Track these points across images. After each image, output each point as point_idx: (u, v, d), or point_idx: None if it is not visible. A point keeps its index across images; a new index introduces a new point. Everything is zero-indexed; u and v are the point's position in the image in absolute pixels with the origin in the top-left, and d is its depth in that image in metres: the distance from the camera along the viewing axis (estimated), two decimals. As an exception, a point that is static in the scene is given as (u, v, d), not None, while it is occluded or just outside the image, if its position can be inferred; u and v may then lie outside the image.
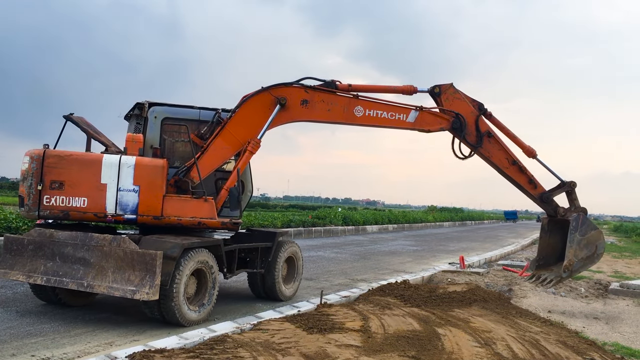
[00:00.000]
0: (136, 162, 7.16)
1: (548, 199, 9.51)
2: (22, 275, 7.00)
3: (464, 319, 7.77)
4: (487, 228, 50.89)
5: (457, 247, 22.95)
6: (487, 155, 9.24)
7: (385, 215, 40.00)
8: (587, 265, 9.38)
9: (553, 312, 9.25)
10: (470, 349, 6.21)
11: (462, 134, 9.06)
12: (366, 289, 9.85)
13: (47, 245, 7.02)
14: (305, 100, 8.42)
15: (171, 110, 8.17)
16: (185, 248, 6.93)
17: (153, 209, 7.18)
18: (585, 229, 9.13)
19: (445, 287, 10.47)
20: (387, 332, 6.69)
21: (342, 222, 29.53)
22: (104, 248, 6.76)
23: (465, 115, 9.07)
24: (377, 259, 16.59)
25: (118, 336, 6.40)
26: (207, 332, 6.19)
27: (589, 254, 9.17)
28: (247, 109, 8.15)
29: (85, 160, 7.20)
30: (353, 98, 8.71)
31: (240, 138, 8.04)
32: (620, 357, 6.60)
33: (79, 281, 6.73)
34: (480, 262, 16.53)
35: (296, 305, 8.15)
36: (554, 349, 6.51)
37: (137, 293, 6.44)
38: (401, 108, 8.92)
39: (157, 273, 6.47)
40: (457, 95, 9.19)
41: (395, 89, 9.25)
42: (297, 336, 6.20)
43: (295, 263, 9.62)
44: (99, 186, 7.08)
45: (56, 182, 7.04)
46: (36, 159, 7.03)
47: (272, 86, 8.27)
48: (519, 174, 9.39)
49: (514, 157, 9.35)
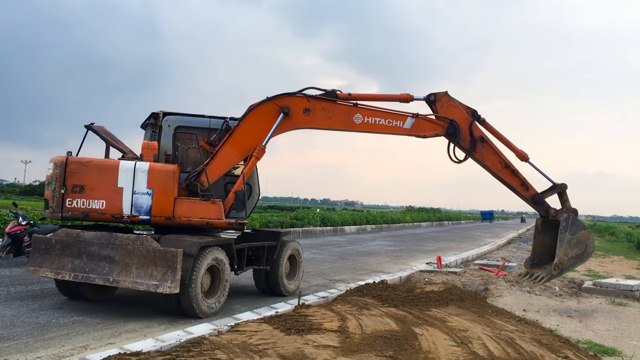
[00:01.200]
0: (150, 168, 7.79)
1: (540, 201, 9.92)
2: (51, 272, 7.60)
3: (441, 319, 7.83)
4: (464, 228, 51.32)
5: (434, 247, 23.11)
6: (481, 159, 9.67)
7: (364, 215, 40.13)
8: (577, 263, 9.82)
9: (528, 310, 9.37)
10: (446, 348, 6.26)
11: (456, 139, 9.50)
12: (344, 290, 9.88)
13: (73, 245, 7.61)
14: (308, 109, 8.92)
15: (183, 119, 8.82)
16: (202, 246, 7.56)
17: (165, 210, 7.80)
18: (575, 229, 9.55)
19: (422, 287, 10.53)
20: (365, 332, 6.71)
21: (321, 223, 29.54)
22: (128, 246, 7.40)
23: (459, 122, 9.50)
24: (356, 259, 16.63)
25: (93, 339, 6.32)
26: (183, 334, 6.15)
27: (579, 253, 9.59)
28: (253, 117, 8.68)
29: (103, 166, 7.88)
30: (353, 106, 9.16)
31: (246, 144, 8.57)
32: (593, 355, 6.71)
33: (105, 277, 7.36)
34: (457, 262, 16.68)
35: (274, 307, 8.14)
36: (529, 347, 6.59)
37: (159, 287, 7.10)
38: (398, 115, 9.35)
39: (178, 269, 7.13)
40: (451, 102, 9.60)
41: (393, 97, 9.62)
42: (275, 337, 6.19)
43: (297, 261, 10.25)
44: (116, 190, 7.74)
45: (77, 186, 7.72)
46: (59, 165, 7.72)
47: (276, 96, 8.80)
48: (511, 177, 9.79)
49: (507, 160, 9.78)
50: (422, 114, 9.53)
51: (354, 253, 18.69)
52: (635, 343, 7.58)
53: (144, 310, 7.94)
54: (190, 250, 7.38)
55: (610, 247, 30.91)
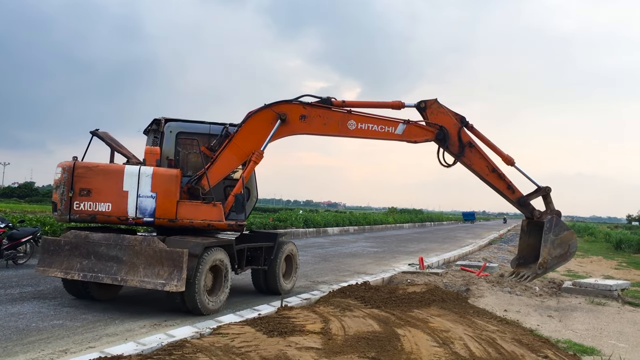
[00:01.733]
0: (153, 172, 8.10)
1: (525, 203, 10.42)
2: (60, 272, 7.95)
3: (423, 319, 7.87)
4: (445, 229, 51.64)
5: (416, 248, 23.22)
6: (469, 163, 10.14)
7: (346, 217, 40.21)
8: (561, 262, 10.37)
9: (509, 310, 9.45)
10: (428, 348, 6.30)
11: (445, 145, 9.97)
12: (327, 291, 9.88)
13: (82, 246, 7.98)
14: (304, 116, 9.31)
15: (184, 125, 9.15)
16: (205, 247, 7.95)
17: (168, 212, 8.10)
18: (558, 230, 10.03)
19: (404, 288, 10.58)
20: (348, 333, 6.72)
21: (304, 225, 29.53)
22: (135, 247, 7.76)
23: (448, 128, 9.97)
24: (338, 260, 16.65)
25: (73, 343, 6.26)
26: (165, 338, 6.10)
27: (562, 253, 10.10)
28: (252, 123, 9.02)
29: (109, 170, 8.19)
30: (347, 113, 9.57)
31: (245, 150, 8.92)
32: (573, 354, 6.78)
33: (113, 276, 7.73)
34: (439, 263, 16.78)
35: (256, 309, 8.11)
36: (510, 347, 6.65)
37: (166, 285, 7.47)
38: (390, 121, 9.78)
39: (184, 268, 7.50)
40: (441, 109, 10.05)
41: (385, 104, 10.01)
42: (257, 340, 6.18)
43: (293, 261, 10.69)
44: (121, 193, 8.04)
45: (85, 189, 8.04)
46: (67, 170, 8.03)
47: (273, 103, 9.17)
48: (498, 180, 10.28)
49: (494, 165, 10.27)
50: (413, 120, 9.90)
51: (337, 254, 18.71)
52: (613, 342, 7.69)
53: (124, 314, 7.88)
54: (195, 250, 7.75)
55: (589, 247, 31.32)
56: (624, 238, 31.33)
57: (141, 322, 7.40)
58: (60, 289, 9.44)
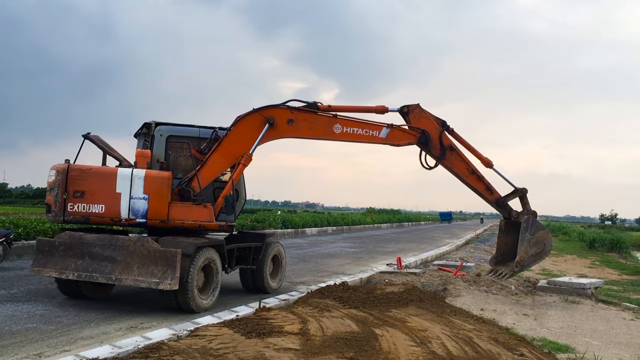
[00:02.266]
0: (146, 174, 8.31)
1: (503, 204, 10.88)
2: (55, 272, 8.11)
3: (401, 319, 7.91)
4: (423, 229, 51.96)
5: (394, 248, 23.33)
6: (450, 165, 10.57)
7: (325, 217, 40.18)
8: (537, 260, 10.94)
9: (485, 309, 9.55)
10: (406, 348, 6.33)
11: (427, 148, 10.39)
12: (305, 292, 9.88)
13: (76, 246, 8.13)
14: (291, 120, 9.58)
15: (174, 129, 9.35)
16: (197, 247, 8.15)
17: (160, 214, 8.33)
18: (534, 229, 10.52)
19: (382, 288, 10.62)
20: (326, 334, 6.73)
21: (282, 225, 29.47)
22: (129, 247, 7.95)
23: (430, 131, 10.40)
24: (317, 261, 16.65)
25: (48, 347, 6.16)
26: (141, 340, 6.04)
27: (538, 251, 10.62)
28: (241, 127, 9.28)
29: (102, 173, 8.43)
30: (332, 117, 9.87)
31: (234, 153, 9.18)
32: (548, 352, 6.88)
33: (108, 276, 7.91)
34: (417, 263, 16.87)
35: (234, 310, 8.08)
36: (486, 345, 6.72)
37: (160, 284, 7.67)
38: (374, 125, 10.15)
39: (177, 267, 7.69)
40: (423, 114, 10.44)
41: (369, 109, 10.35)
42: (235, 341, 6.15)
43: (280, 260, 10.93)
44: (114, 195, 8.25)
45: (78, 191, 8.24)
46: (61, 172, 8.22)
47: (262, 108, 9.43)
48: (477, 182, 10.74)
49: (473, 167, 10.73)
50: (397, 124, 10.28)
51: (315, 255, 18.72)
52: (587, 340, 7.82)
53: (100, 316, 7.78)
54: (187, 250, 7.96)
55: (563, 246, 31.79)
56: (597, 237, 31.90)
57: (117, 325, 7.32)
58: (34, 292, 9.30)
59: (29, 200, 71.06)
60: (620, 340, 7.90)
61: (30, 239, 14.32)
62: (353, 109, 10.30)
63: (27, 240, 14.20)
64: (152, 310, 8.29)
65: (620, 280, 15.86)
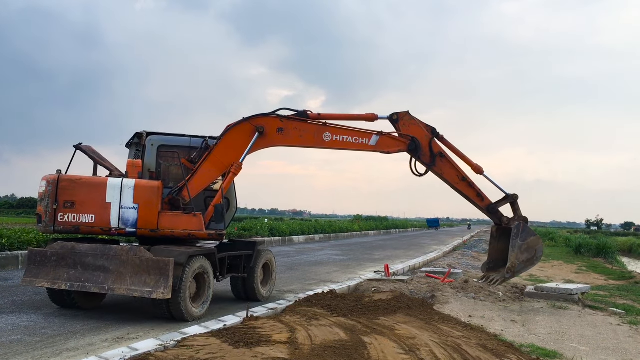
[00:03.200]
0: (135, 184, 8.38)
1: (494, 210, 10.92)
2: (47, 282, 8.11)
3: (389, 327, 7.90)
4: (411, 236, 52.08)
5: (382, 256, 23.33)
6: (440, 172, 10.60)
7: (312, 225, 40.12)
8: (528, 266, 10.95)
9: (473, 316, 9.56)
10: (395, 356, 6.32)
11: (417, 155, 10.46)
12: (293, 300, 9.84)
13: (69, 256, 8.14)
14: (281, 128, 9.62)
15: (165, 139, 9.43)
16: (190, 256, 8.19)
17: (150, 223, 8.39)
18: (525, 236, 10.55)
19: (371, 296, 10.61)
20: (314, 343, 6.70)
21: (269, 234, 29.37)
22: (122, 257, 7.98)
23: (419, 139, 10.45)
24: (304, 269, 16.60)
25: (32, 359, 6.06)
26: (128, 351, 5.97)
27: (529, 257, 10.63)
28: (231, 136, 9.33)
29: (92, 183, 8.46)
30: (322, 125, 9.90)
31: (224, 162, 9.22)
32: (536, 358, 6.90)
33: (100, 285, 7.94)
34: (405, 270, 16.88)
35: (222, 320, 8.02)
36: (475, 352, 6.73)
37: (153, 293, 7.71)
38: (364, 133, 10.16)
39: (170, 276, 7.74)
40: (412, 121, 10.49)
41: (359, 117, 10.48)
42: (223, 351, 6.10)
43: (270, 268, 10.95)
44: (104, 205, 8.31)
45: (68, 202, 8.29)
46: (52, 183, 8.28)
47: (252, 117, 9.50)
48: (468, 189, 10.77)
49: (463, 173, 10.79)
50: (386, 132, 10.32)
51: (303, 263, 18.66)
52: (575, 345, 7.85)
53: (86, 327, 7.68)
54: (180, 259, 8.00)
55: (550, 252, 31.97)
56: (584, 243, 32.15)
57: (103, 336, 7.23)
58: (18, 303, 9.17)
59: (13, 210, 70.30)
60: (608, 346, 7.94)
61: (15, 250, 14.14)
62: (343, 116, 10.39)
63: (11, 251, 14.02)
64: (139, 321, 8.20)
65: (606, 285, 15.97)
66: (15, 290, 10.44)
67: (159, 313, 8.21)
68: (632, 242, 57.96)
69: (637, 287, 15.89)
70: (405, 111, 10.52)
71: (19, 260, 13.81)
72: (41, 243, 14.27)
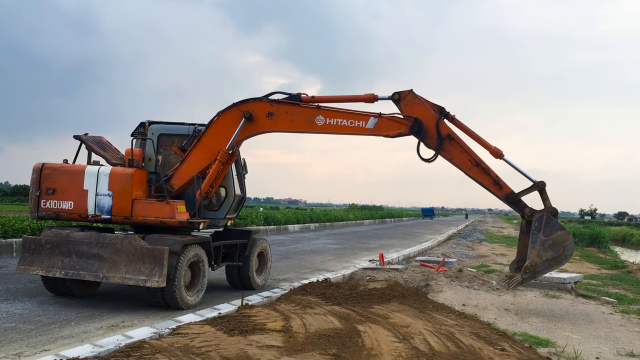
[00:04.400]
0: (111, 172, 8.53)
1: (514, 200, 9.35)
2: (42, 270, 8.23)
3: (384, 315, 7.93)
4: (405, 225, 52.23)
5: (377, 245, 23.40)
6: (449, 157, 9.31)
7: (307, 214, 40.18)
8: (553, 266, 9.26)
9: (467, 305, 9.61)
10: (389, 344, 6.35)
11: (422, 138, 9.22)
12: (288, 289, 9.88)
13: (63, 244, 8.25)
14: (271, 113, 9.18)
15: (166, 128, 9.58)
16: (184, 244, 8.26)
17: (124, 210, 8.47)
18: (550, 230, 8.97)
19: (365, 285, 10.65)
20: (309, 331, 6.72)
21: (264, 222, 29.41)
22: (117, 245, 8.06)
23: (425, 120, 9.22)
24: (299, 258, 16.65)
25: (27, 346, 6.07)
26: (123, 339, 5.99)
27: (555, 255, 9.01)
28: (219, 123, 9.15)
29: (71, 170, 8.68)
30: (315, 108, 9.26)
31: (213, 149, 9.06)
32: (529, 346, 6.94)
33: (95, 273, 8.03)
34: (399, 259, 16.95)
35: (217, 308, 8.04)
36: (468, 340, 6.77)
37: (148, 281, 7.77)
38: (360, 115, 9.29)
39: (164, 265, 7.80)
40: (416, 100, 9.33)
41: (357, 98, 9.60)
42: (218, 339, 6.12)
43: (265, 257, 11.08)
44: (82, 192, 8.52)
45: (50, 189, 8.58)
46: (36, 171, 8.62)
47: (241, 102, 9.19)
48: (483, 175, 9.31)
49: (477, 158, 9.30)
50: (386, 113, 9.34)
51: (298, 252, 18.71)
52: (567, 334, 7.91)
53: (80, 315, 7.69)
54: (174, 248, 8.06)
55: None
56: (577, 232, 32.25)
57: (98, 324, 7.25)
58: (12, 291, 9.17)
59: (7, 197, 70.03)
60: (600, 334, 8.00)
61: (9, 238, 14.11)
62: (339, 99, 9.66)
63: (5, 239, 13.99)
64: (134, 309, 8.22)
65: (599, 274, 16.07)
66: (9, 277, 10.43)
67: (154, 301, 8.26)
68: (626, 231, 58.44)
69: (629, 276, 15.99)
70: (408, 90, 9.38)
71: (13, 248, 13.79)
72: (35, 231, 14.25)
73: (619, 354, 6.91)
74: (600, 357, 6.69)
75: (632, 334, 8.10)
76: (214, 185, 9.49)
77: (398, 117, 9.37)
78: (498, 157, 9.53)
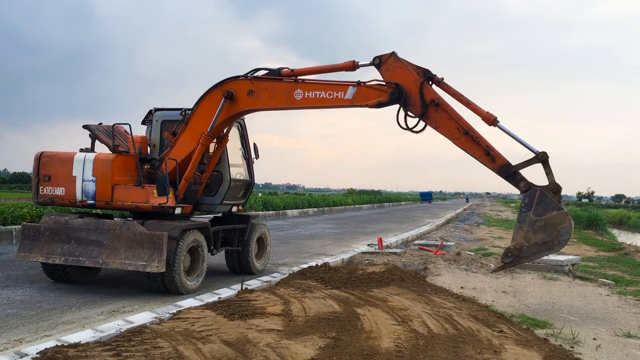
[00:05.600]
0: (95, 158, 8.66)
1: (508, 172, 8.05)
2: (41, 257, 8.37)
3: (382, 299, 7.98)
4: (404, 209, 52.33)
5: (375, 229, 23.47)
6: (434, 126, 8.31)
7: (306, 199, 40.24)
8: (543, 252, 7.87)
9: (465, 287, 9.68)
10: (388, 327, 6.40)
11: (405, 105, 8.34)
12: (287, 273, 9.92)
13: (62, 231, 8.40)
14: (251, 91, 8.86)
15: (169, 114, 9.71)
16: (183, 229, 8.34)
17: (105, 195, 8.57)
18: (542, 209, 7.61)
19: (364, 268, 10.70)
20: (308, 314, 6.77)
21: (263, 207, 29.45)
22: (116, 231, 8.17)
23: (407, 85, 8.28)
24: (298, 242, 16.71)
25: (28, 332, 6.12)
26: (124, 324, 6.03)
27: (546, 240, 7.59)
28: (204, 104, 9.04)
29: (63, 158, 8.82)
30: (294, 82, 8.75)
31: (200, 132, 8.97)
32: (527, 328, 7.00)
33: (94, 259, 8.13)
34: (398, 243, 17.02)
35: (217, 292, 8.08)
36: (466, 322, 6.82)
37: (147, 267, 7.85)
38: (339, 86, 8.56)
39: (164, 250, 7.88)
40: (398, 64, 8.39)
41: (337, 67, 8.97)
42: (218, 323, 6.16)
43: (264, 242, 11.20)
44: (71, 178, 8.69)
45: (46, 176, 8.81)
46: (36, 159, 8.88)
47: (223, 81, 8.97)
48: (472, 145, 8.13)
49: (467, 126, 8.15)
50: (364, 81, 8.51)
51: (297, 237, 18.77)
52: (565, 316, 7.97)
53: (81, 301, 7.74)
54: (173, 233, 8.15)
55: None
56: (574, 215, 32.36)
57: (98, 309, 7.29)
58: (13, 277, 9.21)
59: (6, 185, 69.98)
60: (597, 316, 8.07)
61: (8, 225, 14.14)
62: (319, 69, 9.08)
63: (4, 226, 14.02)
64: (134, 294, 8.27)
65: (596, 256, 16.16)
66: (9, 264, 10.47)
67: (154, 286, 8.33)
68: (623, 214, 58.64)
69: (626, 258, 16.10)
70: (389, 53, 8.41)
71: (12, 235, 13.82)
72: (35, 218, 14.27)
73: (615, 335, 6.97)
74: (597, 339, 6.75)
75: (629, 316, 8.17)
76: (207, 170, 9.48)
77: (378, 85, 8.48)
78: (491, 124, 8.25)
